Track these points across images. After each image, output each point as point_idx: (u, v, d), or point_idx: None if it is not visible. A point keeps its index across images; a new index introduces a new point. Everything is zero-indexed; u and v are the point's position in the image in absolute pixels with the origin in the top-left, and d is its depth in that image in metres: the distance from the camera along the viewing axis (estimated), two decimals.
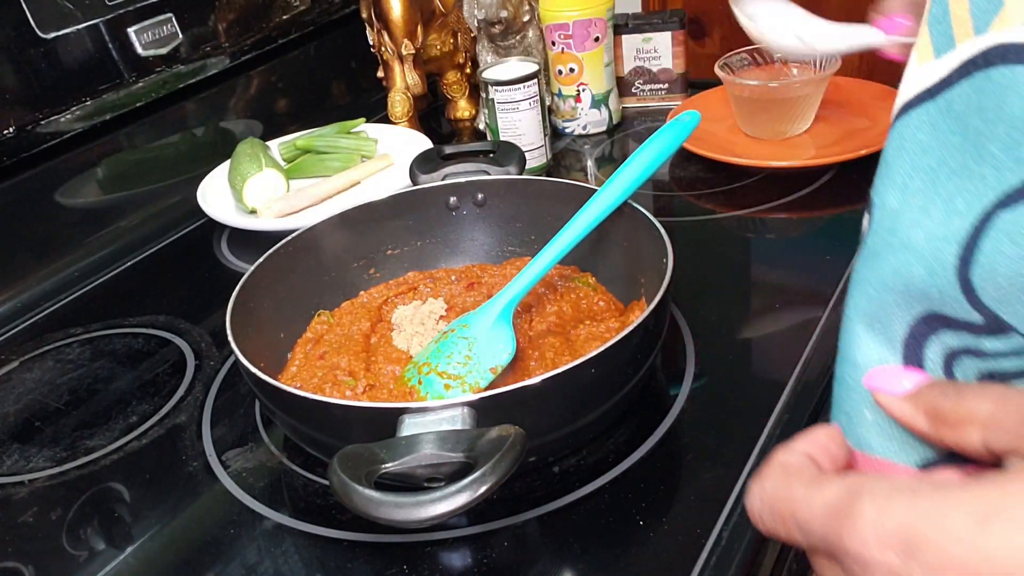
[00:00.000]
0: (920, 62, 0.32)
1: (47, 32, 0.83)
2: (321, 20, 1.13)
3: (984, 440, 0.27)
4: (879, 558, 0.25)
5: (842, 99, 0.94)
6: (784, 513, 0.29)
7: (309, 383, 0.60)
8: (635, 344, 0.51)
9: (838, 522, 0.27)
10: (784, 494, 0.29)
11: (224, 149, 0.98)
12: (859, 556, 0.26)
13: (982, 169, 0.29)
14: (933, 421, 0.29)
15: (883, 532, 0.25)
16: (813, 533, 0.28)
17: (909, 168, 0.32)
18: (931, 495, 0.25)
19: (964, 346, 0.32)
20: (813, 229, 0.79)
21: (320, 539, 0.51)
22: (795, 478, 0.29)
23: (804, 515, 0.28)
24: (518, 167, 0.74)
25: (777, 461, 0.31)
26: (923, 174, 0.31)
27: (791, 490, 0.29)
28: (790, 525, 0.29)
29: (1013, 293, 0.29)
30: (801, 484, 0.29)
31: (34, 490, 0.60)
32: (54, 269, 0.87)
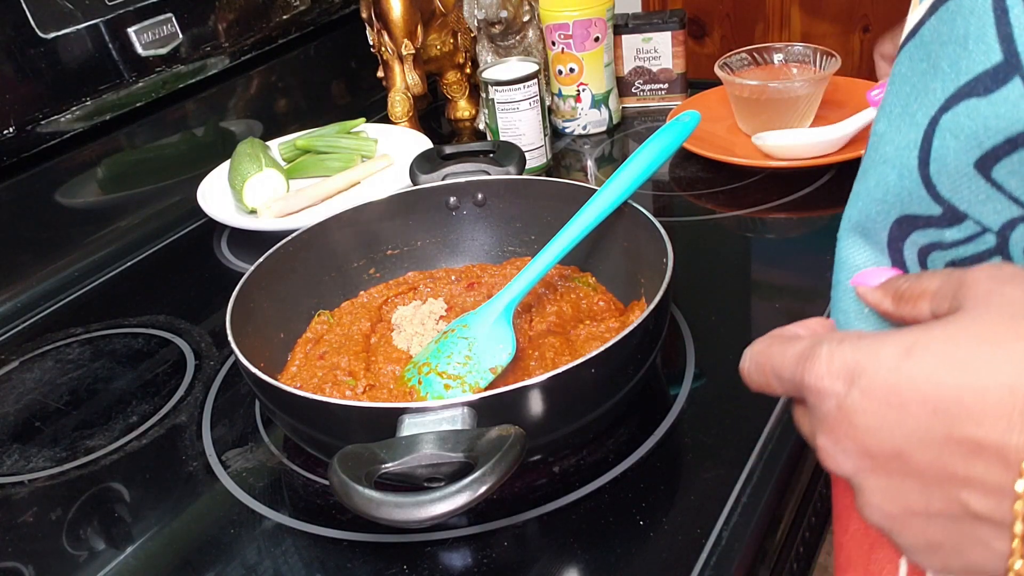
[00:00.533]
0: (913, 7, 0.38)
1: (47, 32, 0.83)
2: (321, 20, 1.13)
3: (932, 309, 0.32)
4: (829, 387, 0.30)
5: (842, 99, 0.94)
6: (764, 365, 0.34)
7: (309, 383, 0.60)
8: (635, 344, 0.51)
9: (802, 364, 0.32)
10: (766, 350, 0.34)
11: (224, 149, 0.98)
12: (814, 388, 0.31)
13: (934, 84, 0.34)
14: (895, 301, 0.34)
15: (832, 366, 0.30)
16: (784, 378, 0.33)
17: (893, 97, 0.37)
18: (872, 336, 0.30)
19: (931, 241, 0.37)
20: (813, 229, 0.79)
21: (320, 539, 0.51)
22: (777, 339, 0.35)
23: (778, 363, 0.33)
24: (518, 167, 0.74)
25: (771, 332, 0.36)
26: (900, 100, 0.37)
27: (771, 347, 0.34)
28: (769, 376, 0.34)
29: (961, 181, 0.34)
30: (780, 342, 0.34)
31: (34, 490, 0.60)
32: (54, 269, 0.87)
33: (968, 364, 0.28)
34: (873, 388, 0.29)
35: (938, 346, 0.29)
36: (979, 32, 0.32)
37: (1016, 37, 0.31)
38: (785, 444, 0.54)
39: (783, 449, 0.53)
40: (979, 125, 0.32)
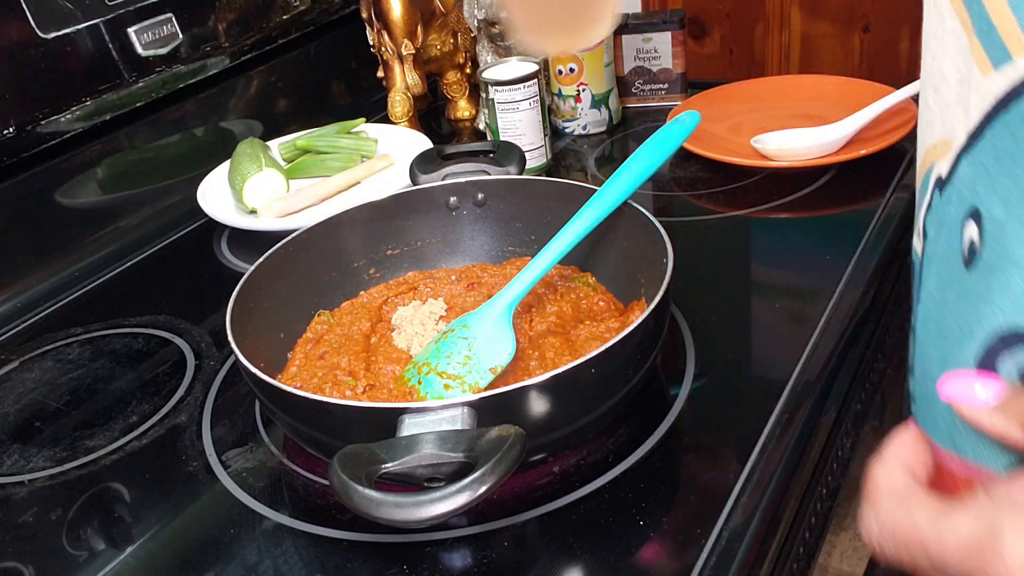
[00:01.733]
0: (983, 73, 0.33)
1: (47, 32, 0.83)
2: (321, 20, 1.13)
3: None
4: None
5: (842, 99, 0.94)
6: (910, 544, 0.29)
7: (309, 383, 0.60)
8: (635, 344, 0.51)
9: (980, 558, 0.27)
10: (907, 523, 0.29)
11: (224, 149, 0.98)
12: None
13: None
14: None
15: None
16: (948, 564, 0.28)
17: (1007, 179, 0.32)
18: None
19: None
20: (813, 229, 0.79)
21: (320, 539, 0.51)
22: (913, 504, 0.30)
23: (936, 549, 0.29)
24: (518, 167, 0.74)
25: (881, 483, 0.31)
26: (1018, 182, 0.32)
27: (914, 518, 0.29)
28: (918, 556, 0.29)
29: None
30: (923, 512, 0.29)
31: (34, 490, 0.60)
32: (54, 269, 0.87)
33: None
34: None
35: None
36: None
37: None
38: (785, 444, 0.54)
39: (783, 449, 0.53)
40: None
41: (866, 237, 0.74)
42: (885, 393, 0.76)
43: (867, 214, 0.77)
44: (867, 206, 0.79)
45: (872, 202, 0.79)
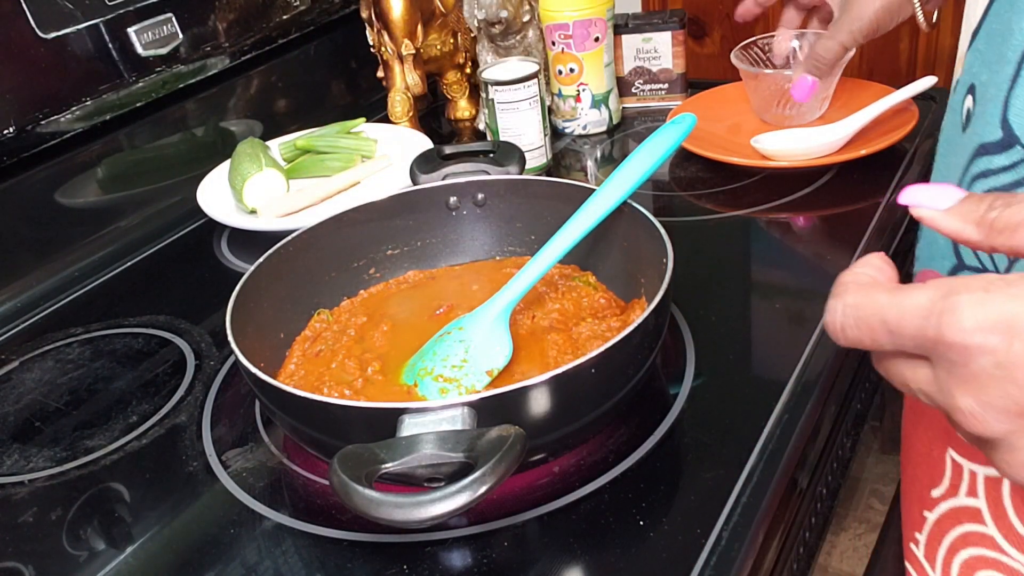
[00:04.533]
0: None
1: (47, 32, 0.83)
2: (321, 20, 1.13)
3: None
4: (981, 343, 0.27)
5: (842, 99, 0.94)
6: (871, 320, 0.30)
7: (308, 382, 0.60)
8: (635, 344, 0.51)
9: (935, 318, 0.28)
10: (868, 302, 0.31)
11: (224, 149, 0.98)
12: (959, 344, 0.27)
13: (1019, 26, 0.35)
14: (986, 231, 0.31)
15: (984, 319, 0.27)
16: (904, 333, 0.29)
17: (993, 52, 0.38)
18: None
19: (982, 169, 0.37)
20: (813, 229, 0.79)
21: (320, 539, 0.51)
22: (874, 288, 0.31)
23: (894, 317, 0.30)
24: (518, 167, 0.74)
25: (847, 280, 0.33)
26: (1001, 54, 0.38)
27: (875, 298, 0.30)
28: (878, 330, 0.30)
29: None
30: (884, 292, 0.30)
31: (34, 490, 0.60)
32: (54, 269, 0.87)
33: None
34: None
35: None
36: None
37: None
38: (785, 444, 0.54)
39: (783, 449, 0.53)
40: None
41: (866, 237, 0.74)
42: (885, 393, 0.76)
43: (867, 214, 0.77)
44: (867, 206, 0.79)
45: (872, 202, 0.79)
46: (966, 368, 0.28)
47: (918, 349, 0.30)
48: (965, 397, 0.28)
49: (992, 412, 0.27)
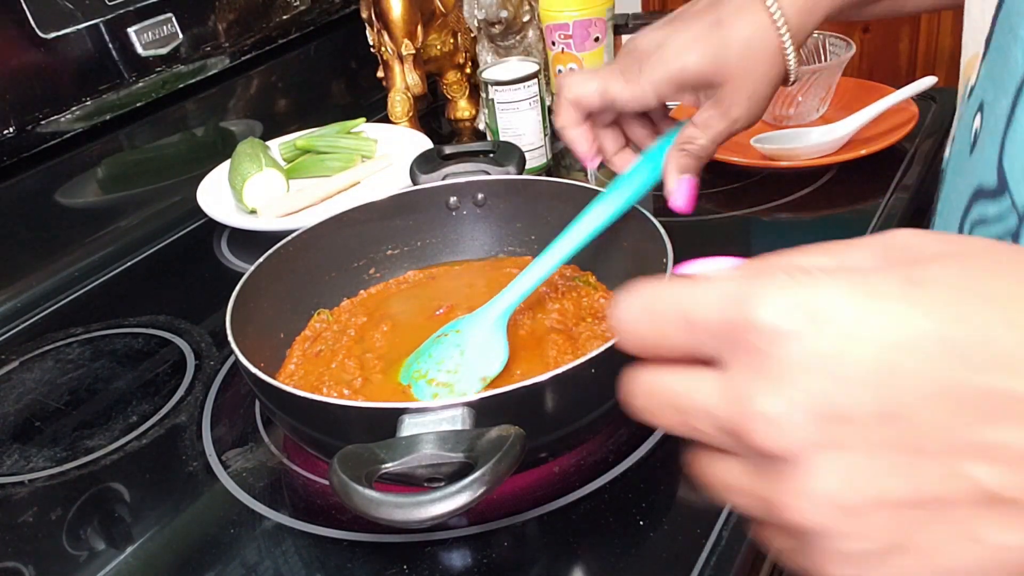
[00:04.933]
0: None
1: (47, 32, 0.83)
2: (321, 20, 1.13)
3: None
4: (789, 326, 0.23)
5: (842, 99, 0.94)
6: (667, 312, 0.26)
7: (308, 382, 0.60)
8: None
9: (736, 304, 0.24)
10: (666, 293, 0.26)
11: (224, 149, 0.98)
12: (767, 326, 0.23)
13: (1016, 51, 0.33)
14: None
15: (792, 303, 0.23)
16: (704, 323, 0.25)
17: (1000, 67, 0.36)
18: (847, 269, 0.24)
19: (978, 216, 0.36)
20: (813, 229, 0.79)
21: (320, 539, 0.51)
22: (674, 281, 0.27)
23: (689, 303, 0.25)
24: (518, 167, 0.74)
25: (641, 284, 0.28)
26: (996, 66, 0.37)
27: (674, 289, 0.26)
28: (673, 324, 0.26)
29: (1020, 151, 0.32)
30: (685, 284, 0.26)
31: (34, 490, 0.60)
32: (54, 269, 0.87)
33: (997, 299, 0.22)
34: (859, 324, 0.22)
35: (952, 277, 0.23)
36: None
37: None
38: None
39: None
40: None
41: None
42: None
43: (867, 214, 0.77)
44: (867, 206, 0.79)
45: (872, 202, 0.79)
46: (770, 359, 0.23)
47: (714, 341, 0.25)
48: (767, 396, 0.23)
49: (799, 413, 0.23)
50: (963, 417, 0.21)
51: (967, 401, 0.21)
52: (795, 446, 0.23)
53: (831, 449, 0.22)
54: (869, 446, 0.22)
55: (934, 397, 0.22)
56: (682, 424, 0.26)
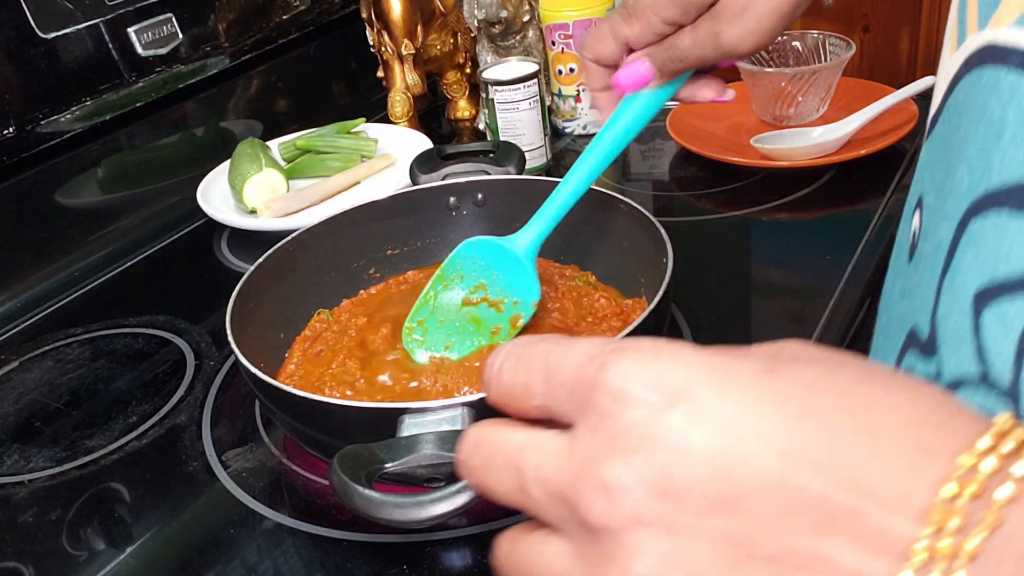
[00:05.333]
0: (949, 53, 0.31)
1: (47, 32, 0.83)
2: (321, 20, 1.13)
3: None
4: (639, 393, 0.22)
5: (842, 99, 0.94)
6: (533, 361, 0.26)
7: (308, 382, 0.60)
8: None
9: (597, 362, 0.24)
10: (539, 344, 0.26)
11: (224, 149, 0.98)
12: (617, 389, 0.23)
13: (961, 169, 0.29)
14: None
15: (647, 375, 0.23)
16: (561, 377, 0.25)
17: (941, 166, 0.32)
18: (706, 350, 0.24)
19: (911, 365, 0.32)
20: (813, 229, 0.79)
21: (320, 539, 0.51)
22: (552, 336, 0.26)
23: (556, 359, 0.25)
24: (518, 167, 0.74)
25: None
26: (939, 174, 0.31)
27: (547, 341, 0.26)
28: (535, 374, 0.25)
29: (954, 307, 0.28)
30: (559, 339, 0.26)
31: (34, 490, 0.60)
32: (54, 269, 0.87)
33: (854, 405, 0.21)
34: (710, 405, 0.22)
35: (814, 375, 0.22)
36: (1019, 129, 0.26)
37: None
38: None
39: None
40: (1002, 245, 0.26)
41: (866, 237, 0.74)
42: None
43: (867, 214, 0.77)
44: (867, 206, 0.79)
45: (872, 202, 0.79)
46: (617, 420, 0.22)
47: (570, 402, 0.24)
48: (608, 462, 0.22)
49: (637, 484, 0.22)
50: (795, 522, 0.21)
51: (802, 506, 0.21)
52: (626, 520, 0.22)
53: (660, 530, 0.22)
54: (698, 533, 0.21)
55: (770, 493, 0.21)
56: (516, 487, 0.25)
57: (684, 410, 0.22)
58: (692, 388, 0.22)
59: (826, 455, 0.21)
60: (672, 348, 0.23)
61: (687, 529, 0.21)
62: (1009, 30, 0.27)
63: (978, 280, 0.26)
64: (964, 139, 0.29)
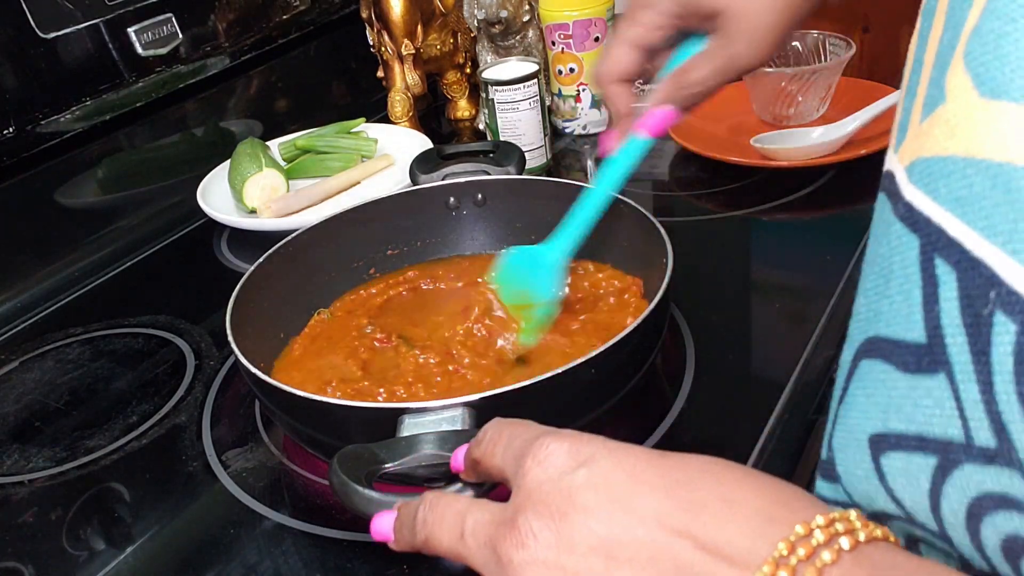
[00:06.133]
0: (891, 149, 0.32)
1: (47, 32, 0.83)
2: (321, 20, 1.13)
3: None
4: (556, 459, 0.29)
5: (842, 99, 0.94)
6: (502, 432, 0.33)
7: (308, 382, 0.60)
8: (635, 344, 0.51)
9: (537, 439, 0.30)
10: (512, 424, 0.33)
11: (224, 149, 0.98)
12: (541, 456, 0.29)
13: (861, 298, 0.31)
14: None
15: (564, 445, 0.29)
16: (515, 447, 0.31)
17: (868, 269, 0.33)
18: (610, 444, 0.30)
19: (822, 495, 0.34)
20: (813, 229, 0.79)
21: (320, 539, 0.51)
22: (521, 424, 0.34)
23: (518, 436, 0.32)
24: (518, 167, 0.74)
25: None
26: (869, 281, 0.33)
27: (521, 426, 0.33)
28: (503, 443, 0.32)
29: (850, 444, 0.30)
30: (525, 425, 0.33)
31: (34, 490, 0.60)
32: (54, 269, 0.87)
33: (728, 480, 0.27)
34: (609, 471, 0.28)
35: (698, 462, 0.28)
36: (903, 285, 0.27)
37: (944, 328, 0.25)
38: (785, 444, 0.54)
39: (783, 449, 0.53)
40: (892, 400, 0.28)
41: (866, 237, 0.74)
42: None
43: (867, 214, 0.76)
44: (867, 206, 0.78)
45: (872, 202, 0.79)
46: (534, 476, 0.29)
47: (514, 462, 0.31)
48: (526, 512, 0.28)
49: (542, 527, 0.28)
50: (659, 569, 0.26)
51: (665, 559, 0.26)
52: (527, 559, 0.27)
53: (552, 568, 0.27)
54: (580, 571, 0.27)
55: (642, 547, 0.26)
56: (457, 536, 0.31)
57: (586, 472, 0.28)
58: (596, 457, 0.28)
59: (690, 519, 0.26)
60: (592, 436, 0.30)
61: (573, 569, 0.27)
62: (903, 174, 0.28)
63: (871, 425, 0.29)
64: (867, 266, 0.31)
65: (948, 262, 0.25)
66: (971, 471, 0.24)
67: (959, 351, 0.24)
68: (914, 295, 0.26)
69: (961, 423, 0.25)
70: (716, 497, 0.26)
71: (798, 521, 0.25)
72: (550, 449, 0.29)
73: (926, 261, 0.26)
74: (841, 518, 0.25)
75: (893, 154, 0.29)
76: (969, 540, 0.26)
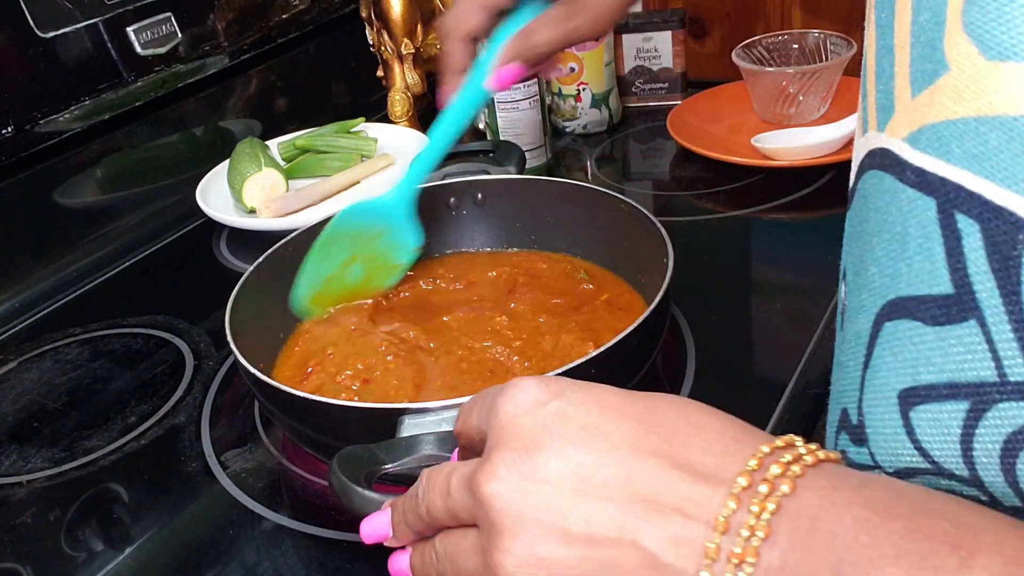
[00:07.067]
0: (858, 133, 0.34)
1: (46, 32, 0.83)
2: (321, 20, 1.12)
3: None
4: (530, 388, 0.30)
5: (842, 99, 0.94)
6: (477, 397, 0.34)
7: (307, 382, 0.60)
8: (635, 344, 0.51)
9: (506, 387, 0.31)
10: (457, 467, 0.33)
11: (224, 149, 0.98)
12: (516, 387, 0.31)
13: (872, 269, 0.31)
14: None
15: (539, 382, 0.31)
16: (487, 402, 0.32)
17: (850, 236, 0.35)
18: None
19: (844, 448, 0.35)
20: (813, 229, 0.79)
21: (320, 540, 0.51)
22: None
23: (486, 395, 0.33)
24: (518, 167, 0.74)
25: None
26: (854, 256, 0.34)
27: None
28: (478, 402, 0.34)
29: (879, 403, 0.31)
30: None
31: (33, 491, 0.59)
32: (54, 269, 0.86)
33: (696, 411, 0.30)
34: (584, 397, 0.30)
35: (670, 400, 0.30)
36: (923, 244, 0.28)
37: (972, 276, 0.26)
38: None
39: None
40: (920, 354, 0.28)
41: None
42: None
43: None
44: None
45: None
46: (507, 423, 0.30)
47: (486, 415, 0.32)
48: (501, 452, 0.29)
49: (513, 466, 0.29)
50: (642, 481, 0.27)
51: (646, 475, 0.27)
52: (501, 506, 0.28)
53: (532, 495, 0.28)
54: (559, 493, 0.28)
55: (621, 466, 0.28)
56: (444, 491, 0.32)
57: (557, 403, 0.30)
58: (565, 391, 0.30)
59: (661, 440, 0.28)
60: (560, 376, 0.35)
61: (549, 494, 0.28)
62: (903, 145, 0.28)
63: (900, 382, 0.29)
64: (872, 237, 0.31)
65: (969, 216, 0.26)
66: (1005, 408, 0.25)
67: (989, 295, 0.25)
68: (936, 252, 0.27)
69: (994, 364, 0.25)
70: (683, 423, 0.29)
71: (761, 442, 0.28)
72: (520, 386, 0.31)
73: (946, 218, 0.27)
74: (793, 440, 0.28)
75: (878, 133, 0.30)
76: (1003, 478, 0.26)
